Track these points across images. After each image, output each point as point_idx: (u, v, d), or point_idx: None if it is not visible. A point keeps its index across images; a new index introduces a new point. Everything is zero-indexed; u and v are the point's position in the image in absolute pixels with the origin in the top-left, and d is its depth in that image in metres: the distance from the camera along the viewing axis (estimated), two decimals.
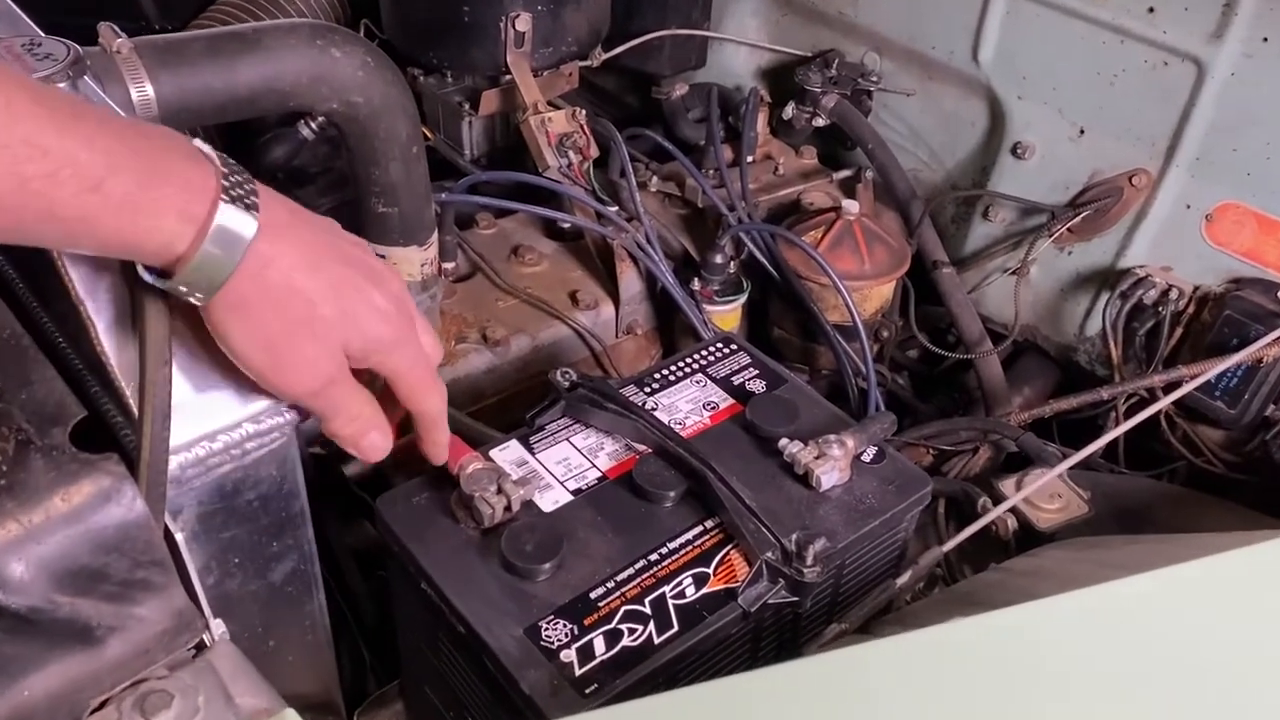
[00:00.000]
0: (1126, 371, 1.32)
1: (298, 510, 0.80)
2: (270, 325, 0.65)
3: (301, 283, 0.64)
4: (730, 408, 0.93)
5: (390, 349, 0.70)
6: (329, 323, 0.66)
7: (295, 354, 0.66)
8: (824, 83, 1.53)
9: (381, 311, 0.68)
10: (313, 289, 0.65)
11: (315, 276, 0.65)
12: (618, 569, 0.78)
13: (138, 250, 0.60)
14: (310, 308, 0.65)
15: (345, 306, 0.66)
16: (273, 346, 0.66)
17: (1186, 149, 1.26)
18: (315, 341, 0.66)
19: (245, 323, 0.65)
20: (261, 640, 0.85)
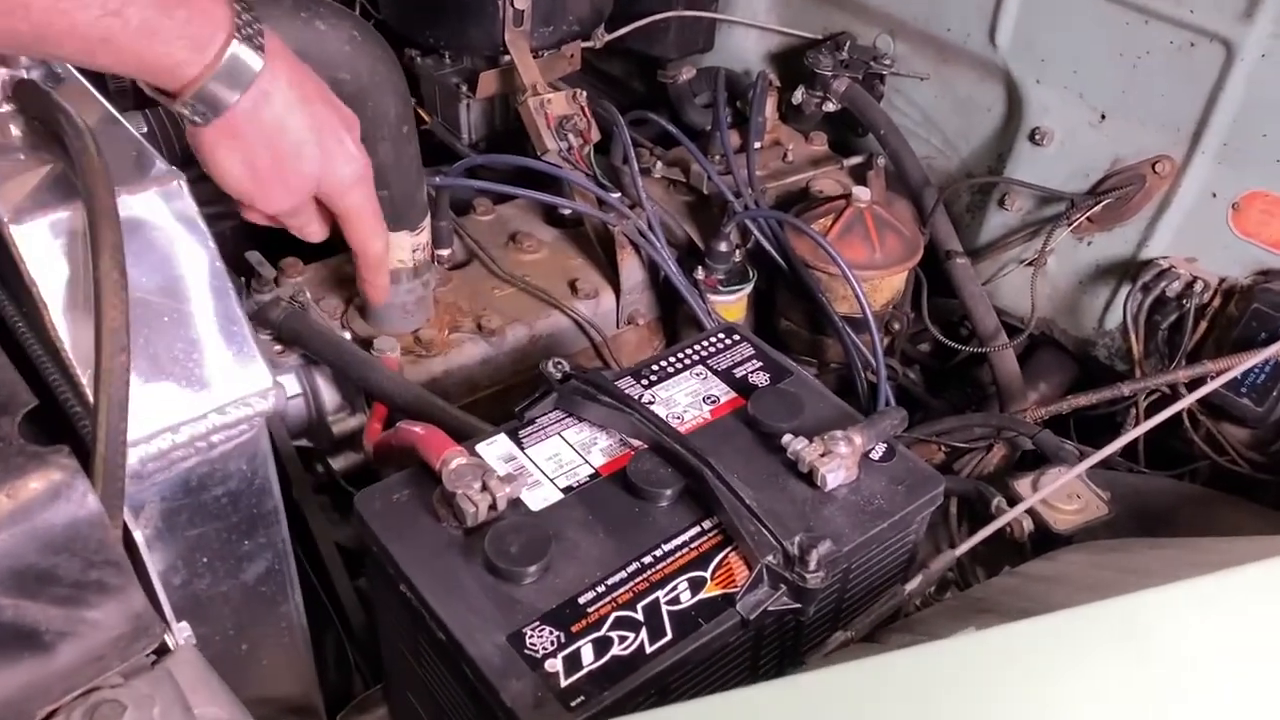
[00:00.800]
0: (1148, 367, 1.27)
1: (270, 507, 0.76)
2: (258, 155, 0.74)
3: (292, 122, 0.74)
4: (731, 401, 0.88)
5: (350, 189, 0.82)
6: (309, 159, 0.77)
7: (276, 182, 0.77)
8: (835, 66, 1.48)
9: (350, 155, 0.80)
10: (300, 128, 0.75)
11: (303, 117, 0.74)
12: (609, 572, 0.73)
13: (149, 72, 0.67)
14: (296, 145, 0.75)
15: (324, 146, 0.77)
16: (258, 173, 0.75)
17: (1213, 135, 1.21)
18: (295, 174, 0.77)
19: (236, 150, 0.73)
20: (234, 643, 0.81)
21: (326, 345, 1.04)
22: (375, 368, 1.02)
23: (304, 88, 0.75)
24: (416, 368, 1.16)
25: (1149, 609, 0.62)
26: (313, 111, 0.75)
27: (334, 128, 0.78)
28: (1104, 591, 0.82)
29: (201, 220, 0.69)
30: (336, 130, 0.78)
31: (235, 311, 0.70)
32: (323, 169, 0.78)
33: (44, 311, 0.64)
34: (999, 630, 0.59)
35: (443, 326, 1.21)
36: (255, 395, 0.69)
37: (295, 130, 0.74)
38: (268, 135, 0.73)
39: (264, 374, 0.70)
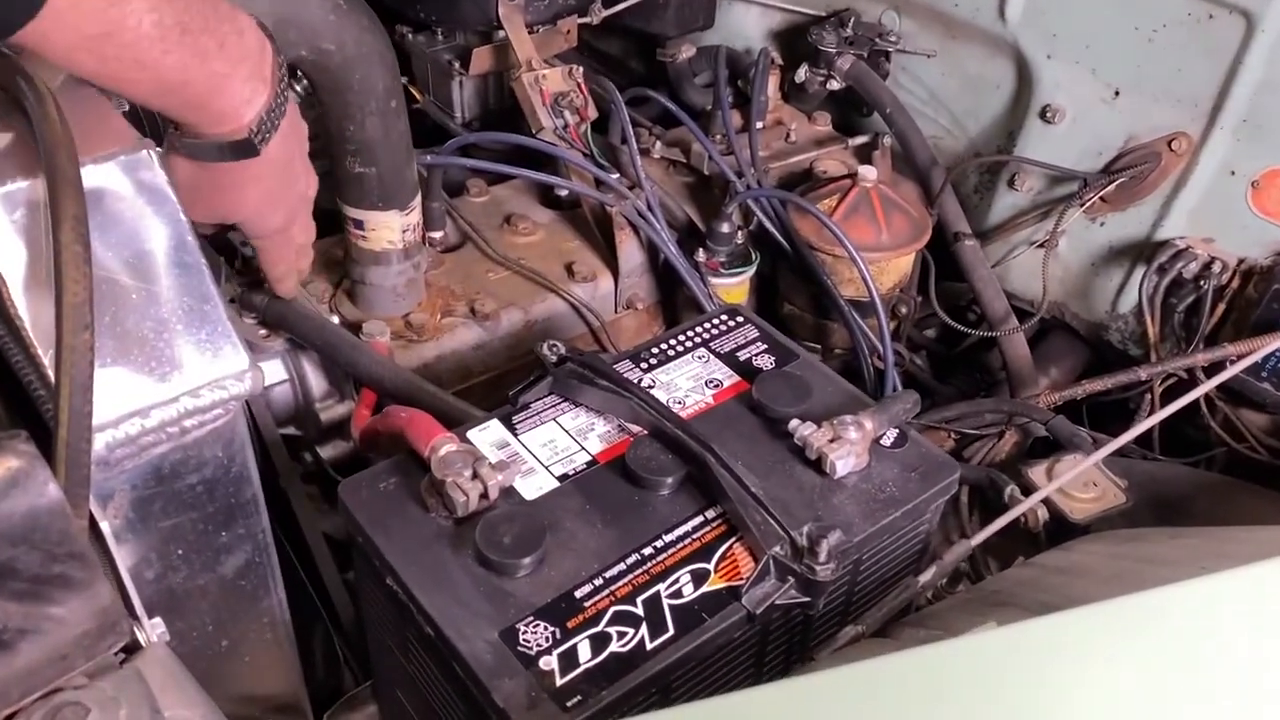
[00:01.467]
0: (1164, 350, 1.23)
1: (249, 496, 0.72)
2: (270, 186, 0.81)
3: (289, 160, 0.81)
4: (735, 385, 0.84)
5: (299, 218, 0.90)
6: (299, 189, 0.86)
7: (279, 209, 0.86)
8: (839, 43, 1.43)
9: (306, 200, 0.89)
10: (298, 165, 0.84)
11: (300, 154, 0.84)
12: (607, 564, 0.70)
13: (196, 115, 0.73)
14: (295, 178, 0.84)
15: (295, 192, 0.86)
16: (268, 201, 0.83)
17: (1232, 110, 1.16)
18: (289, 201, 0.86)
19: (256, 184, 0.80)
20: (213, 640, 0.77)
21: (313, 329, 1.00)
22: (364, 352, 0.98)
23: (298, 130, 0.82)
24: (407, 353, 1.12)
25: (1179, 603, 0.57)
26: (301, 149, 0.84)
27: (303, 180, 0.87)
28: (1126, 583, 0.78)
29: (173, 192, 0.65)
30: (306, 182, 0.88)
31: (209, 289, 0.66)
32: (304, 191, 0.87)
33: (2, 287, 0.60)
34: (1024, 626, 0.56)
35: (435, 310, 1.17)
36: (230, 378, 0.65)
37: (296, 167, 0.83)
38: (276, 169, 0.80)
39: (240, 355, 0.66)
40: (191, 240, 0.65)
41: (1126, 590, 0.75)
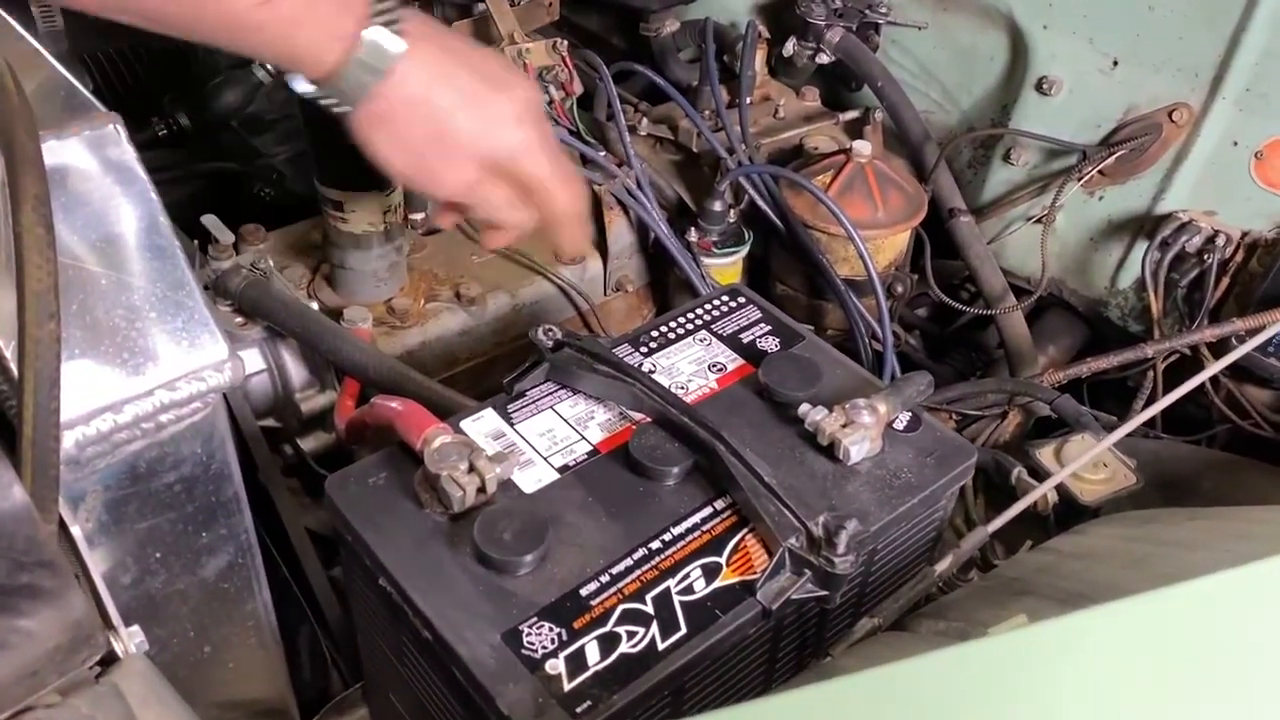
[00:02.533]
0: (1166, 327, 1.20)
1: (230, 494, 0.68)
2: (413, 134, 0.73)
3: (437, 96, 0.72)
4: (740, 369, 0.81)
5: (518, 155, 0.76)
6: (466, 133, 0.74)
7: (439, 160, 0.75)
8: (828, 15, 1.39)
9: (513, 119, 0.75)
10: (447, 102, 0.72)
11: (448, 90, 0.72)
12: (613, 560, 0.66)
13: (293, 59, 0.69)
14: (447, 118, 0.73)
15: (479, 115, 0.74)
16: (417, 154, 0.74)
17: (1235, 80, 1.13)
18: (456, 149, 0.74)
19: (389, 133, 0.73)
20: (195, 646, 0.73)
21: (292, 316, 0.95)
22: (346, 340, 0.94)
23: (447, 62, 0.73)
24: (390, 340, 1.08)
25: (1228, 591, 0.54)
26: (459, 84, 0.73)
27: (487, 97, 0.74)
28: (1150, 568, 0.76)
29: (143, 169, 0.60)
30: (491, 99, 0.74)
31: (184, 275, 0.61)
32: (483, 141, 0.74)
33: None
34: (1068, 620, 0.52)
35: (418, 295, 1.13)
36: (209, 369, 0.61)
37: (442, 104, 0.72)
38: (415, 112, 0.72)
39: (219, 345, 0.62)
40: (164, 221, 0.60)
41: (1151, 575, 0.73)
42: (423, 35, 0.71)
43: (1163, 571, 0.73)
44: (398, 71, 0.70)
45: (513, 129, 0.75)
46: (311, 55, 0.69)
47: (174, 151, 1.44)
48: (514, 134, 0.75)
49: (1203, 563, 0.72)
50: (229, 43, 0.67)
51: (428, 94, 0.72)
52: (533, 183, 0.77)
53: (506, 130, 0.75)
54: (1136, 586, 0.67)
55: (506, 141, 0.75)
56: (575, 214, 0.81)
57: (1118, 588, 0.71)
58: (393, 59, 0.70)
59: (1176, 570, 0.71)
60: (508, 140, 0.75)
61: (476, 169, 0.75)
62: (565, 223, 0.81)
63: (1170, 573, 0.71)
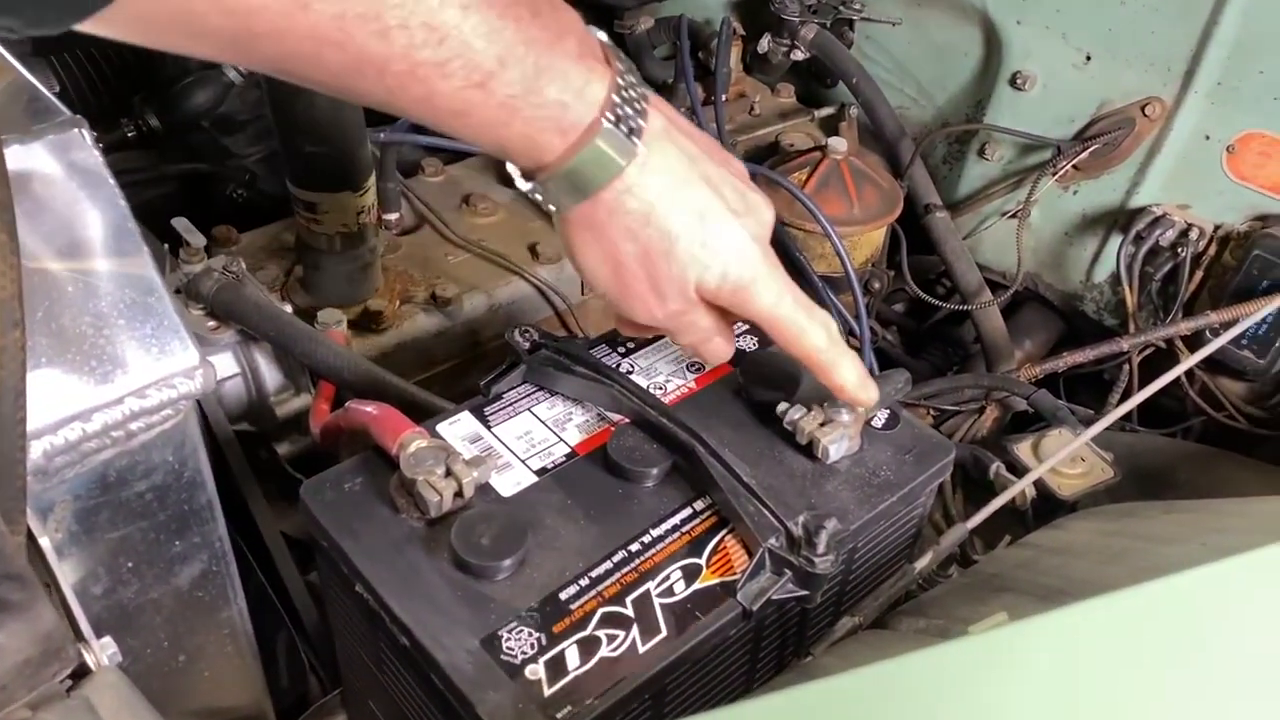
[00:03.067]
0: (1140, 320, 1.21)
1: (204, 502, 0.67)
2: (622, 251, 0.61)
3: (663, 217, 0.60)
4: (718, 368, 0.80)
5: (752, 289, 0.63)
6: (683, 260, 0.61)
7: (646, 287, 0.63)
8: (802, 12, 1.40)
9: (741, 248, 0.62)
10: (673, 225, 0.60)
11: (678, 211, 0.60)
12: (592, 563, 0.65)
13: (504, 150, 0.58)
14: (668, 244, 0.61)
15: (704, 241, 0.61)
16: (623, 274, 0.63)
17: (1206, 73, 1.14)
18: (666, 276, 0.62)
19: (598, 243, 0.62)
20: (169, 656, 0.72)
21: (265, 319, 0.94)
22: (320, 343, 0.92)
23: (683, 174, 0.61)
24: (365, 342, 1.07)
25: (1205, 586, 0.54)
26: (695, 202, 0.61)
27: (722, 218, 0.62)
28: (1127, 562, 0.76)
29: (109, 174, 0.59)
30: (725, 221, 0.62)
31: (153, 280, 0.60)
32: (704, 270, 0.62)
33: None
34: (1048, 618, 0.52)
35: (393, 297, 1.12)
36: (180, 375, 0.60)
37: (666, 222, 0.60)
38: (632, 228, 0.60)
39: (190, 351, 0.61)
40: (132, 226, 0.59)
41: (1129, 570, 0.73)
42: (662, 134, 0.60)
43: (1140, 566, 0.73)
44: (625, 178, 0.59)
45: (741, 263, 0.62)
46: (524, 149, 0.58)
47: (144, 153, 1.42)
48: (744, 269, 0.63)
49: (1180, 557, 0.72)
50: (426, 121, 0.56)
51: (653, 212, 0.60)
52: (767, 321, 0.65)
53: (734, 264, 0.62)
54: (1115, 581, 0.67)
55: (735, 277, 0.62)
56: (833, 347, 0.67)
57: (1096, 583, 0.71)
58: (622, 166, 0.58)
59: (1154, 565, 0.71)
60: (737, 275, 0.62)
61: (685, 299, 0.64)
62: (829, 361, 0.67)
63: (1148, 567, 0.71)
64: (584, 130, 0.56)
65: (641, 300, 0.64)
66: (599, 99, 0.56)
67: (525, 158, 0.58)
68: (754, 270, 0.63)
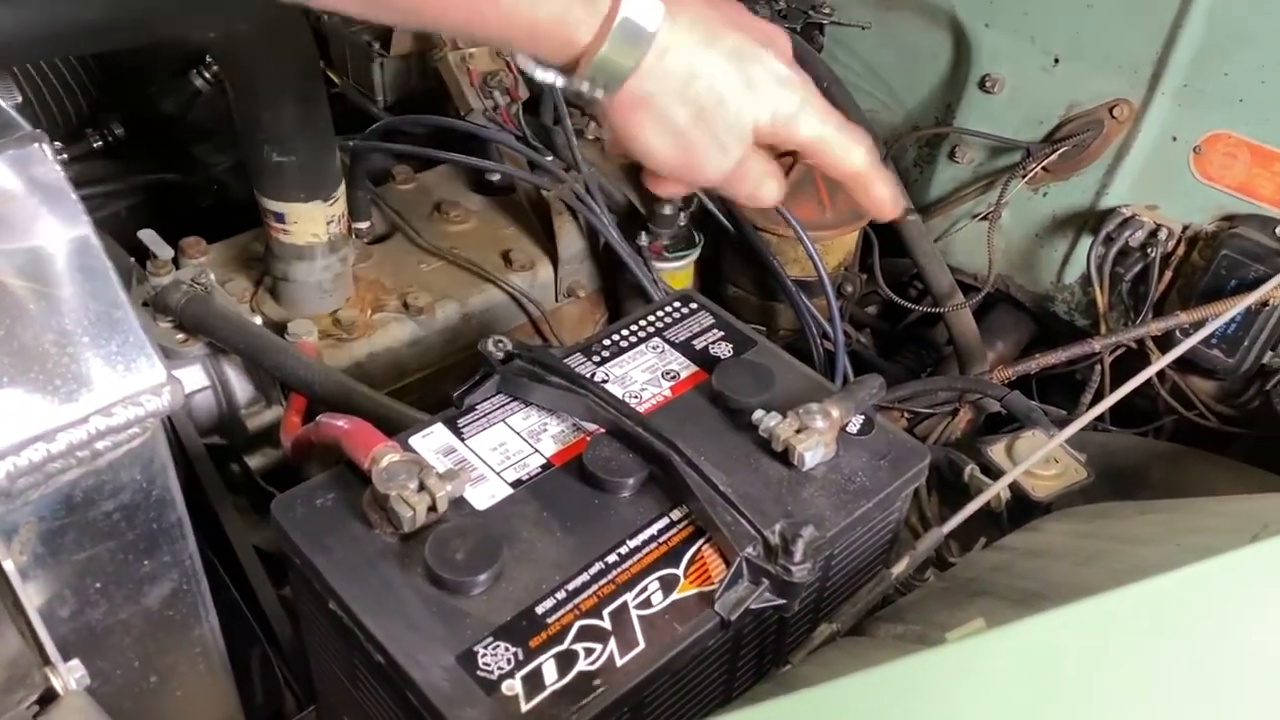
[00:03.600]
0: (1111, 320, 1.22)
1: (173, 520, 0.66)
2: (678, 115, 0.63)
3: (702, 64, 0.62)
4: (693, 376, 0.80)
5: (797, 116, 0.65)
6: (737, 102, 0.63)
7: (708, 142, 0.64)
8: (772, 16, 1.39)
9: (782, 78, 0.65)
10: (715, 69, 0.62)
11: (714, 53, 0.62)
12: (569, 576, 0.65)
13: (541, 40, 0.60)
14: (716, 89, 0.63)
15: (748, 80, 0.63)
16: (684, 138, 0.64)
17: (1172, 75, 1.15)
18: (724, 126, 0.64)
19: (653, 117, 0.63)
20: (140, 676, 0.71)
21: (235, 331, 0.93)
22: (290, 355, 0.92)
23: (711, 21, 0.63)
24: (337, 352, 1.06)
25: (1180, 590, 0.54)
26: (725, 47, 0.63)
27: (755, 55, 0.64)
28: (1102, 564, 0.76)
29: (71, 189, 0.58)
30: (759, 57, 0.64)
31: (118, 295, 0.59)
32: (756, 109, 0.64)
33: None
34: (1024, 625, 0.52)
35: (364, 306, 1.11)
36: (146, 393, 0.59)
37: (711, 75, 0.62)
38: (680, 88, 0.62)
39: (156, 368, 0.60)
40: (96, 242, 0.58)
41: (1104, 572, 0.74)
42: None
43: (1116, 568, 0.74)
44: (659, 43, 0.60)
45: (785, 90, 0.64)
46: (559, 32, 0.59)
47: (110, 163, 1.40)
48: (788, 96, 0.65)
49: (1154, 559, 0.72)
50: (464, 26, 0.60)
51: (693, 67, 0.62)
52: (813, 145, 0.67)
53: (780, 95, 0.64)
54: (1090, 584, 0.67)
55: (782, 107, 0.65)
56: (873, 165, 0.69)
57: (1072, 586, 0.71)
58: (652, 30, 0.60)
59: (1129, 567, 0.71)
60: (783, 105, 0.65)
61: (746, 145, 0.66)
62: (868, 178, 0.69)
63: (1123, 569, 0.72)
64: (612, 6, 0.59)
65: (708, 159, 0.65)
66: None
67: (561, 43, 0.60)
68: (798, 98, 0.65)
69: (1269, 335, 1.11)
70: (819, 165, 0.69)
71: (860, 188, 0.70)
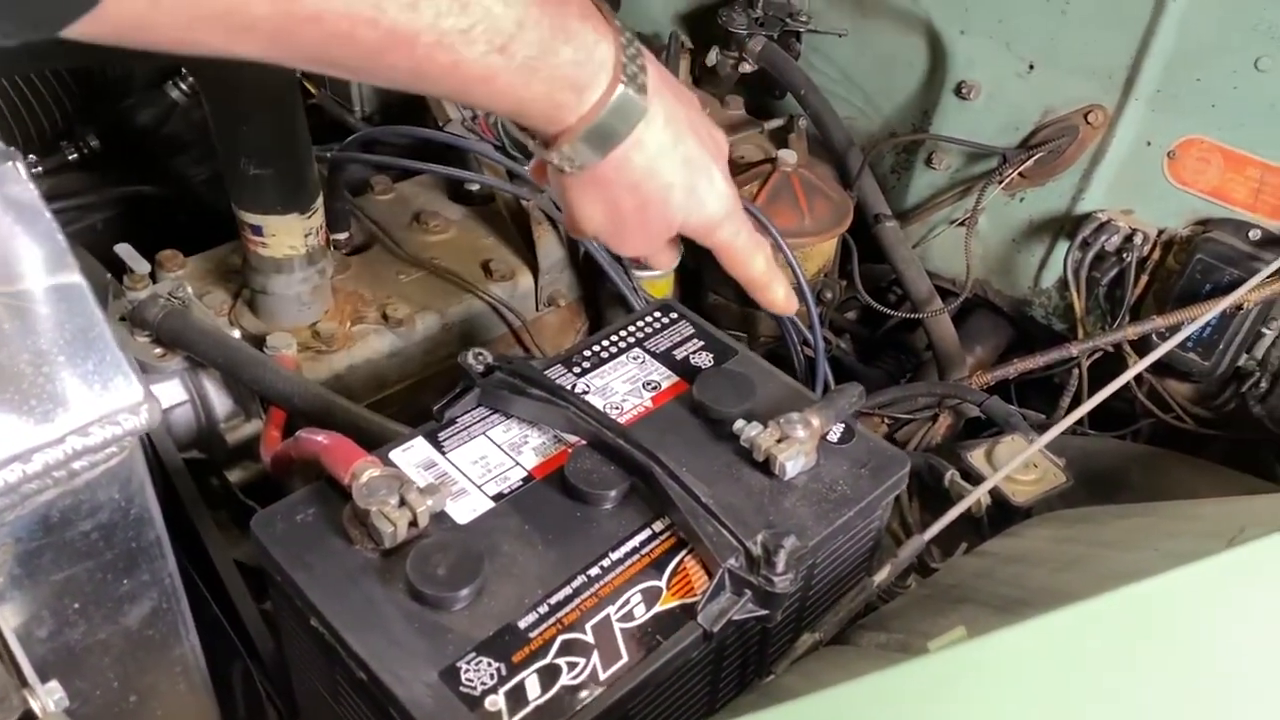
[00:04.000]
0: (1089, 325, 1.23)
1: (152, 539, 0.65)
2: (624, 202, 0.67)
3: (662, 167, 0.65)
4: (674, 386, 0.80)
5: (721, 225, 0.72)
6: (676, 205, 0.68)
7: (639, 229, 0.69)
8: (749, 24, 1.40)
9: (719, 192, 0.70)
10: (670, 174, 0.66)
11: (674, 159, 0.66)
12: (551, 590, 0.65)
13: (523, 114, 0.61)
14: (665, 191, 0.67)
15: (692, 187, 0.68)
16: (621, 220, 0.68)
17: (1146, 81, 1.16)
18: (659, 221, 0.69)
19: (601, 197, 0.67)
20: (120, 696, 0.70)
21: (213, 345, 0.92)
22: (269, 368, 0.91)
23: (678, 125, 0.66)
24: (316, 364, 1.06)
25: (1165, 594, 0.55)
26: (685, 152, 0.67)
27: (705, 165, 0.68)
28: (1082, 569, 0.77)
29: (45, 207, 0.58)
30: (707, 168, 0.69)
31: (93, 314, 0.59)
32: (688, 211, 0.69)
33: None
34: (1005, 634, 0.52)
35: (344, 318, 1.10)
36: (124, 412, 0.58)
37: (665, 175, 0.66)
38: (635, 182, 0.66)
39: (134, 386, 0.59)
40: (71, 260, 0.58)
41: (1085, 577, 0.74)
42: (660, 91, 0.64)
43: (1095, 573, 0.74)
44: (636, 133, 0.63)
45: (718, 201, 0.70)
46: (545, 110, 0.61)
47: (86, 175, 1.39)
48: (719, 206, 0.70)
49: (1133, 563, 0.73)
50: (453, 95, 0.60)
51: (653, 168, 0.65)
52: (725, 251, 0.74)
53: (713, 203, 0.70)
54: (1071, 589, 0.68)
55: (712, 215, 0.70)
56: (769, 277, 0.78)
57: (1053, 592, 0.72)
58: (632, 124, 0.63)
59: (1108, 572, 0.72)
60: (713, 214, 0.70)
61: (670, 235, 0.72)
62: (764, 285, 0.78)
63: (1102, 574, 0.72)
64: (604, 89, 0.60)
65: (632, 242, 0.71)
66: (609, 57, 0.60)
67: (544, 119, 0.61)
68: (727, 209, 0.71)
69: (1243, 338, 1.12)
70: (725, 264, 0.76)
71: (759, 289, 0.78)
